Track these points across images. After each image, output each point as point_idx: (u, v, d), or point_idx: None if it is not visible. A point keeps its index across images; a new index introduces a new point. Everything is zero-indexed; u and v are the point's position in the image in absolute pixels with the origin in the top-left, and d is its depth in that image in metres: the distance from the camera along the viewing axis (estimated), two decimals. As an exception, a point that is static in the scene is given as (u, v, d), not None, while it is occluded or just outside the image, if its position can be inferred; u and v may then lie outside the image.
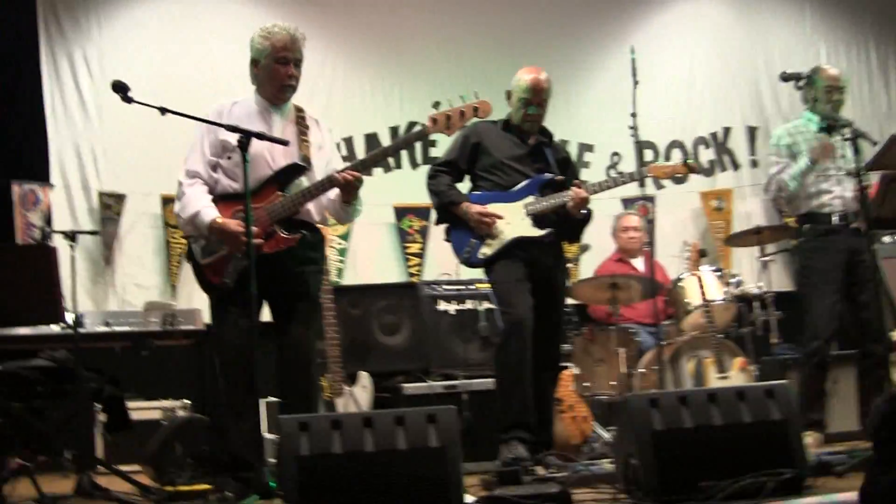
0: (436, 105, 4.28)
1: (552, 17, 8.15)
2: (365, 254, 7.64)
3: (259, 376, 3.73)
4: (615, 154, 8.16)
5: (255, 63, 4.24)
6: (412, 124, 7.65)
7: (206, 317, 5.13)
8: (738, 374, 5.71)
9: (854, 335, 5.33)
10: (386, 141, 7.62)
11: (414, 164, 7.88)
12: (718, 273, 6.21)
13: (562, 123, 7.62)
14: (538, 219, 4.85)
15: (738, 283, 6.37)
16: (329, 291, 5.62)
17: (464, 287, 5.97)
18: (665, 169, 4.99)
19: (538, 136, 5.02)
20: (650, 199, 7.99)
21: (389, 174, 7.77)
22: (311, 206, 4.22)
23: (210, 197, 4.13)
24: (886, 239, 6.02)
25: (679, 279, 6.25)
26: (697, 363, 5.82)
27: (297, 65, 4.22)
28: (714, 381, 5.70)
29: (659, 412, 3.40)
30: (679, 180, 8.02)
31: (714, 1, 8.61)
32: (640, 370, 5.96)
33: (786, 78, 5.31)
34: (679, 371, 5.90)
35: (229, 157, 4.14)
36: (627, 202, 7.73)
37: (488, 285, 5.01)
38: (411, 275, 7.60)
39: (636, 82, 5.32)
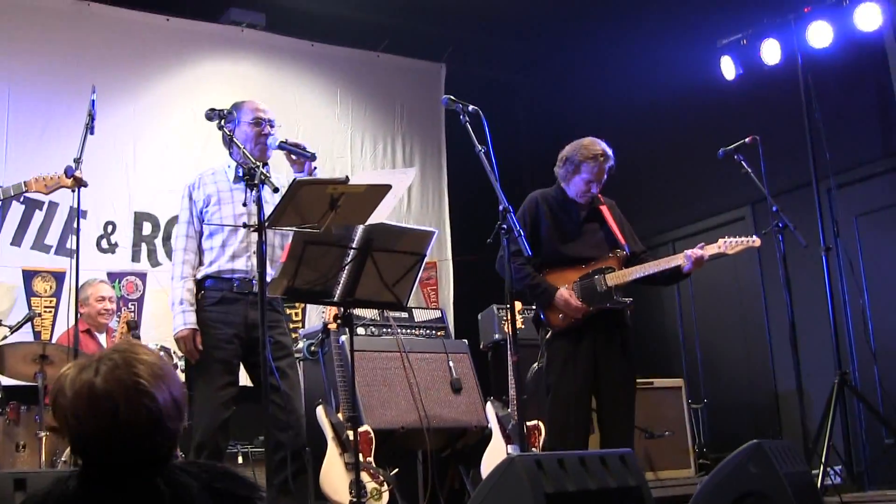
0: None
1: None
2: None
3: None
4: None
5: None
6: None
7: None
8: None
9: None
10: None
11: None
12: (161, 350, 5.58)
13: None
14: None
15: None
16: None
17: None
18: (48, 181, 4.26)
19: None
20: (142, 275, 7.31)
21: None
22: None
23: None
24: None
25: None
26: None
27: None
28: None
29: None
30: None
31: (247, 63, 8.09)
32: (63, 459, 5.19)
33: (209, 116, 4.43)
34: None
35: None
36: (116, 276, 7.02)
37: None
38: None
39: (89, 127, 4.61)
